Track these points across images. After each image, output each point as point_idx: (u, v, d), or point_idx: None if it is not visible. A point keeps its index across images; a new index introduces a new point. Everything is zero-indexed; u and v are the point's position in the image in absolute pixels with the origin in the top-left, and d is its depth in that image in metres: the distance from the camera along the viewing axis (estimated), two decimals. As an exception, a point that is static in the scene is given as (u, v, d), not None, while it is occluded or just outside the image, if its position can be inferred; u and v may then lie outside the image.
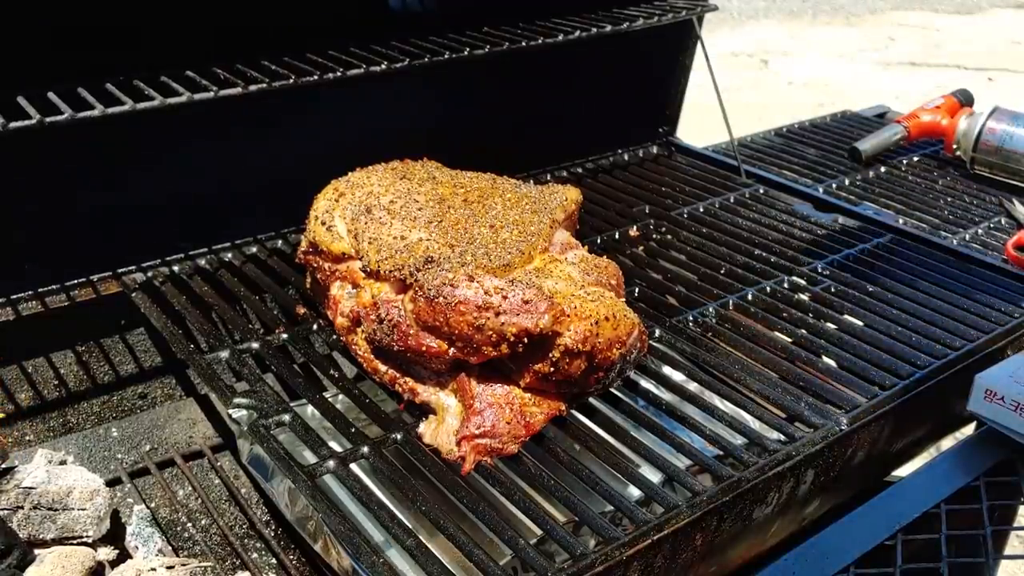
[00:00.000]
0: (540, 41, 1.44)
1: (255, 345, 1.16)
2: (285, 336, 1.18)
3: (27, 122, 1.05)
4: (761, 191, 1.67)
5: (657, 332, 1.19)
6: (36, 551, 0.93)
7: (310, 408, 1.10)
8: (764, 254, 1.42)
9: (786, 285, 1.33)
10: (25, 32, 1.15)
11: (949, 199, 1.86)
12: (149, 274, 1.32)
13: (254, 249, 1.41)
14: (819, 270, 1.37)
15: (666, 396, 1.07)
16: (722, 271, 1.37)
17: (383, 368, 1.06)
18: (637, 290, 1.30)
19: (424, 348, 0.98)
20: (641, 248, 1.46)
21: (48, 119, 1.06)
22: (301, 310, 1.25)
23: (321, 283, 1.18)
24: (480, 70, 1.50)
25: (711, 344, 1.17)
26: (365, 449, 0.97)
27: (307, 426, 1.00)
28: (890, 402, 1.06)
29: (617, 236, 1.49)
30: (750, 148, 2.12)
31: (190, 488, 1.12)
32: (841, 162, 2.03)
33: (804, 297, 1.31)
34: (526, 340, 0.94)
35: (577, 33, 1.49)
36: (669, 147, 1.87)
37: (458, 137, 1.46)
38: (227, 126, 1.33)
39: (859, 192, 1.89)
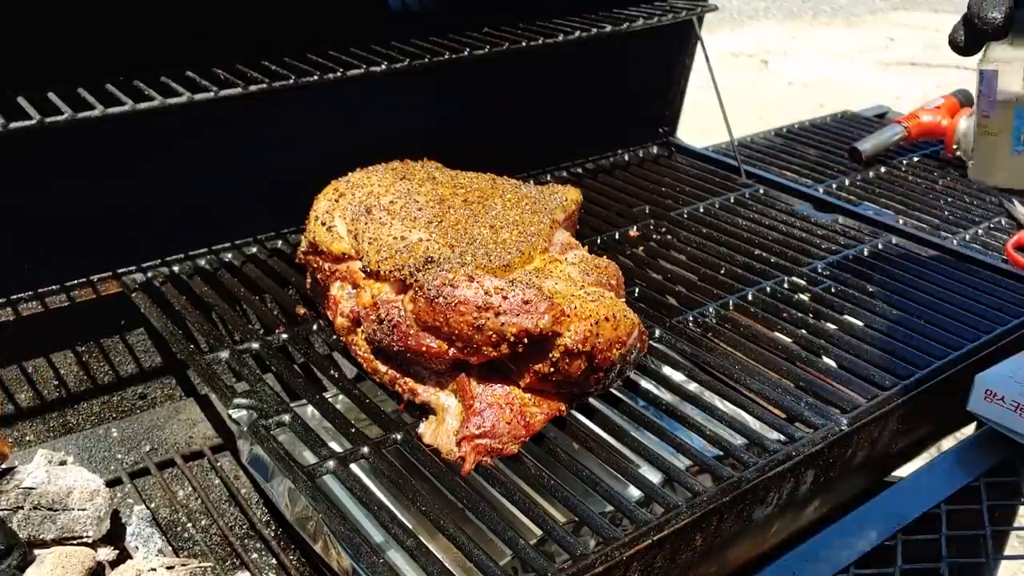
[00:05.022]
0: (540, 41, 1.44)
1: (255, 345, 1.16)
2: (285, 336, 1.18)
3: (27, 122, 1.05)
4: (761, 191, 1.67)
5: (657, 332, 1.19)
6: (36, 551, 0.93)
7: (310, 408, 1.10)
8: (764, 254, 1.42)
9: (786, 285, 1.33)
10: (25, 32, 1.15)
11: (949, 199, 1.86)
12: (149, 274, 1.32)
13: (254, 249, 1.41)
14: (819, 270, 1.37)
15: (666, 396, 1.07)
16: (722, 271, 1.37)
17: (383, 368, 1.06)
18: (637, 290, 1.30)
19: (424, 348, 0.98)
20: (641, 248, 1.46)
21: (48, 119, 1.06)
22: (301, 310, 1.25)
23: (321, 283, 1.18)
24: (480, 70, 1.50)
25: (711, 344, 1.17)
26: (365, 449, 0.97)
27: (307, 426, 1.00)
28: (890, 402, 1.06)
29: (617, 236, 1.49)
30: (750, 148, 2.12)
31: (190, 488, 1.12)
32: (841, 162, 2.03)
33: (804, 297, 1.31)
34: (526, 340, 0.94)
35: (577, 33, 1.49)
36: (669, 147, 1.87)
37: (458, 137, 1.46)
38: (227, 126, 1.33)
39: (859, 192, 1.89)
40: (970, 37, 0.87)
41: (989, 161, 0.97)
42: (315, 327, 1.20)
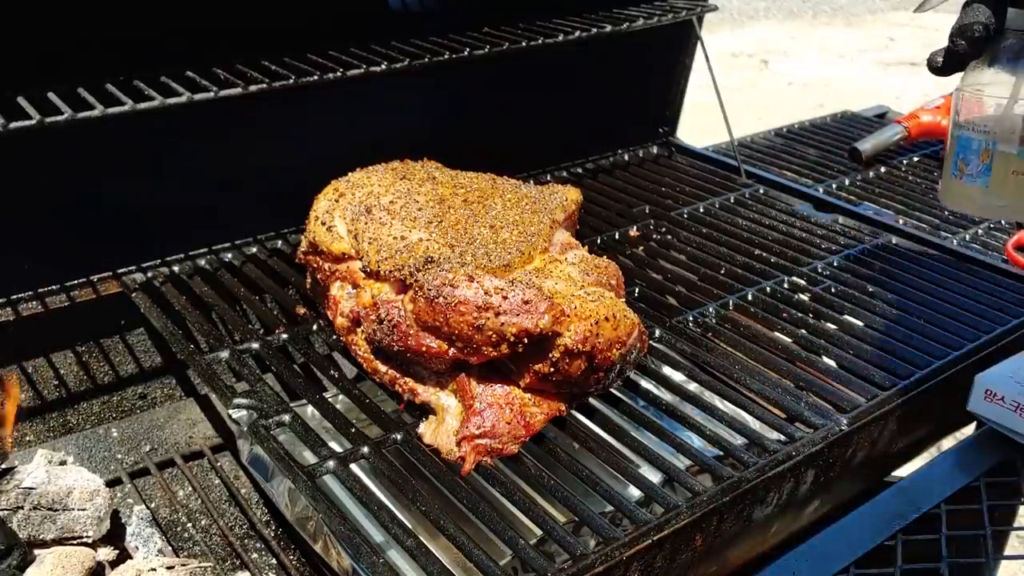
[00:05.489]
0: (540, 41, 1.44)
1: (255, 345, 1.16)
2: (285, 336, 1.18)
3: (27, 122, 1.05)
4: (761, 191, 1.67)
5: (657, 332, 1.19)
6: (36, 551, 0.93)
7: (310, 408, 1.10)
8: (764, 254, 1.42)
9: (786, 285, 1.33)
10: (25, 32, 1.15)
11: (949, 199, 1.86)
12: (149, 274, 1.32)
13: (254, 249, 1.41)
14: (819, 270, 1.37)
15: (666, 396, 1.07)
16: (722, 271, 1.37)
17: (383, 368, 1.06)
18: (637, 290, 1.30)
19: (424, 348, 0.98)
20: (641, 248, 1.46)
21: (48, 119, 1.06)
22: (301, 310, 1.25)
23: (321, 283, 1.18)
24: (480, 70, 1.50)
25: (711, 344, 1.17)
26: (365, 449, 0.97)
27: (307, 426, 1.00)
28: (890, 402, 1.06)
29: (617, 236, 1.49)
30: (750, 148, 2.12)
31: (190, 488, 1.12)
32: (841, 162, 2.03)
33: (804, 297, 1.31)
34: (526, 340, 0.94)
35: (577, 33, 1.49)
36: (669, 147, 1.87)
37: (458, 137, 1.46)
38: (227, 126, 1.33)
39: (859, 192, 1.89)
40: (946, 59, 0.92)
41: (944, 182, 1.01)
42: (315, 327, 1.20)
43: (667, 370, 1.14)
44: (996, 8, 0.90)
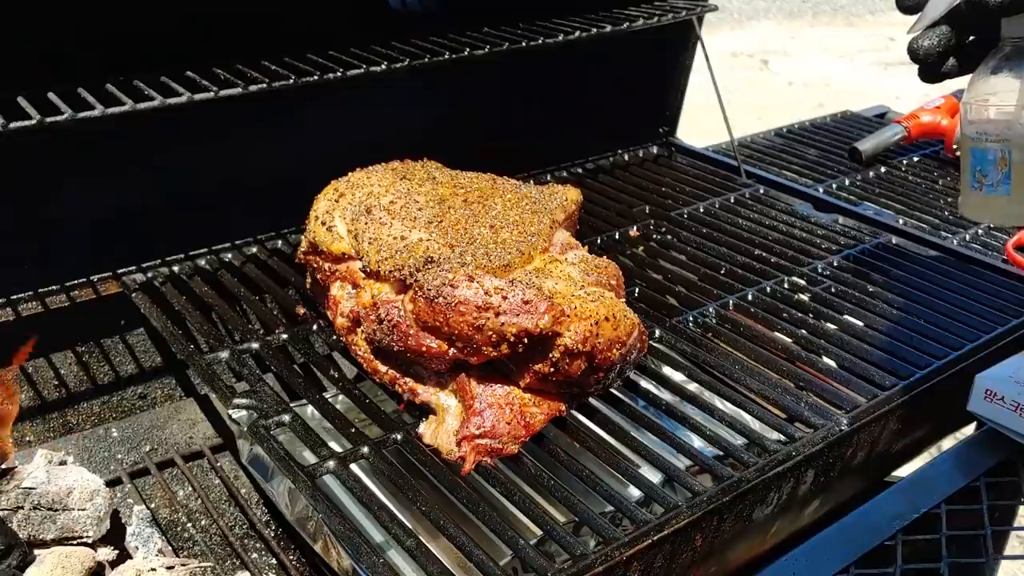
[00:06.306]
0: (540, 41, 1.44)
1: (255, 345, 1.16)
2: (285, 336, 1.18)
3: (27, 122, 1.05)
4: (761, 191, 1.67)
5: (657, 332, 1.19)
6: (36, 551, 0.93)
7: (310, 408, 1.10)
8: (764, 254, 1.42)
9: (786, 285, 1.33)
10: (25, 32, 1.15)
11: (949, 199, 1.86)
12: (149, 274, 1.32)
13: (254, 249, 1.41)
14: (819, 270, 1.37)
15: (666, 396, 1.07)
16: (722, 271, 1.37)
17: (383, 368, 1.06)
18: (637, 290, 1.30)
19: (424, 348, 0.98)
20: (641, 248, 1.46)
21: (48, 119, 1.06)
22: (301, 310, 1.25)
23: (321, 283, 1.18)
24: (480, 70, 1.50)
25: (711, 344, 1.17)
26: (365, 449, 0.97)
27: (307, 426, 1.00)
28: (890, 402, 1.06)
29: (617, 236, 1.49)
30: (750, 148, 2.12)
31: (190, 488, 1.12)
32: (841, 162, 2.03)
33: (804, 297, 1.31)
34: (526, 340, 0.94)
35: (577, 33, 1.49)
36: (669, 147, 1.87)
37: (458, 137, 1.46)
38: (227, 126, 1.33)
39: (859, 192, 1.89)
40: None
41: (963, 196, 0.99)
42: (315, 327, 1.20)
43: (667, 370, 1.14)
44: (964, 23, 0.89)
